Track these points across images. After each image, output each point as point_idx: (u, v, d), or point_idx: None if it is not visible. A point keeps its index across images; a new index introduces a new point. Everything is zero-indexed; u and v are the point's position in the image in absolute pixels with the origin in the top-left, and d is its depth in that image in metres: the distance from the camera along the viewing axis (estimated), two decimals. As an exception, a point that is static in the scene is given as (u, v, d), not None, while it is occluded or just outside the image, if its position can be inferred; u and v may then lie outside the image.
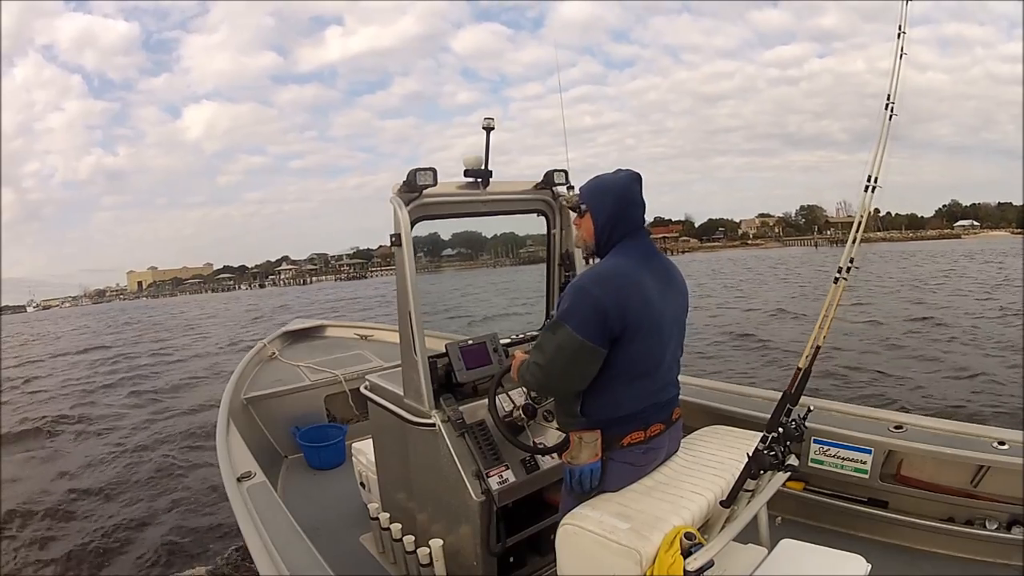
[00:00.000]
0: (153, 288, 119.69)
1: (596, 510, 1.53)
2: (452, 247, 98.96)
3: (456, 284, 29.96)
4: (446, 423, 2.02)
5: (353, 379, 3.92)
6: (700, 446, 1.83)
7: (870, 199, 1.54)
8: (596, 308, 1.51)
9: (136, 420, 8.03)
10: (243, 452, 2.70)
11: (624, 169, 1.71)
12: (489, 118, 2.07)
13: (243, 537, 2.02)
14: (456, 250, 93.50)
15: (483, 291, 27.65)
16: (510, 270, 32.67)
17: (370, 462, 2.74)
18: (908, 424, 2.39)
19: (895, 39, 1.56)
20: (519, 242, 11.62)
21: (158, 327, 25.29)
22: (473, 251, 69.44)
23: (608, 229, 1.66)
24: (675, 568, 1.33)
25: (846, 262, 1.50)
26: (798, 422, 1.47)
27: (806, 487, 2.50)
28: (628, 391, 1.60)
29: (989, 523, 2.16)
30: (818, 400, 2.57)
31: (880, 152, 1.54)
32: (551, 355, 1.56)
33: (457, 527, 2.07)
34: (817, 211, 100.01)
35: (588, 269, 1.66)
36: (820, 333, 1.48)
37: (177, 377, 11.36)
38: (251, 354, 4.38)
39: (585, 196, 1.72)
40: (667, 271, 1.69)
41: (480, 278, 12.14)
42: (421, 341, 2.03)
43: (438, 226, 2.40)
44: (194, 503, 4.79)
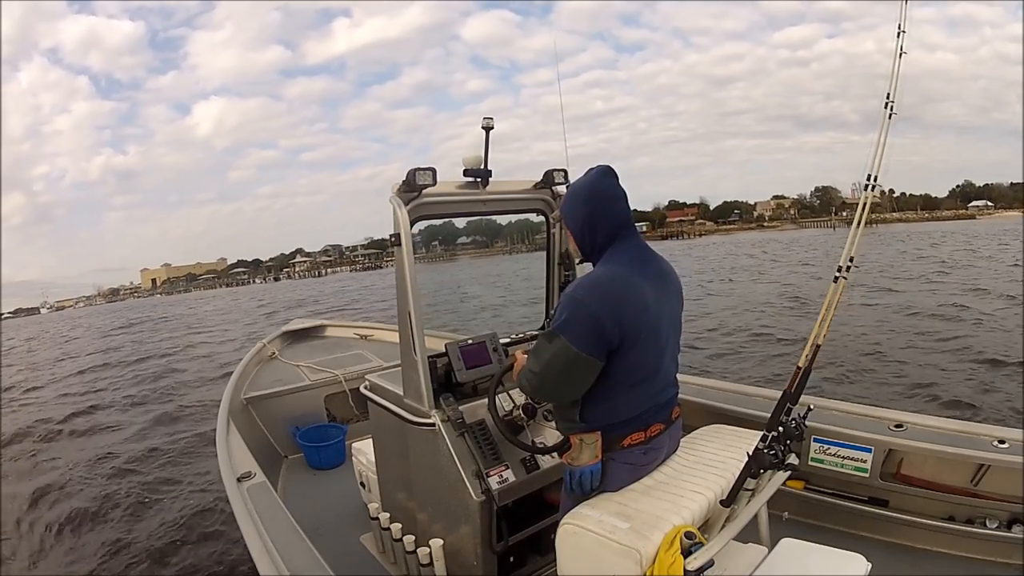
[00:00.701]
0: (167, 285, 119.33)
1: (596, 509, 1.53)
2: (467, 235, 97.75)
3: (472, 272, 29.65)
4: (446, 423, 2.02)
5: (353, 379, 3.92)
6: (700, 445, 1.82)
7: (870, 197, 1.54)
8: (592, 321, 1.49)
9: (138, 418, 8.04)
10: (243, 452, 2.70)
11: (595, 167, 1.67)
12: (488, 118, 2.07)
13: (243, 537, 2.02)
14: (471, 238, 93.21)
15: (504, 278, 27.32)
16: (526, 257, 32.39)
17: (370, 462, 2.74)
18: (908, 423, 2.38)
19: (895, 39, 1.56)
20: (534, 229, 11.74)
21: (184, 327, 24.94)
22: (488, 239, 68.52)
23: (588, 233, 1.63)
24: (675, 567, 1.32)
25: (846, 261, 1.50)
26: (798, 421, 1.47)
27: (806, 486, 2.50)
28: (627, 397, 1.59)
29: (990, 522, 2.15)
30: (818, 399, 2.57)
31: (880, 152, 1.54)
32: (546, 364, 1.55)
33: (457, 527, 2.07)
34: (832, 192, 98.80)
35: (583, 277, 1.62)
36: (820, 332, 1.48)
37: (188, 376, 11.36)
38: (251, 354, 4.39)
39: (561, 208, 1.71)
40: (661, 271, 1.67)
41: (498, 265, 11.80)
42: (421, 341, 2.03)
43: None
44: (194, 503, 4.78)
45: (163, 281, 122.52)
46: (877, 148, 1.54)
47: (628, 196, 1.66)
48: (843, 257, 1.50)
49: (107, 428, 7.77)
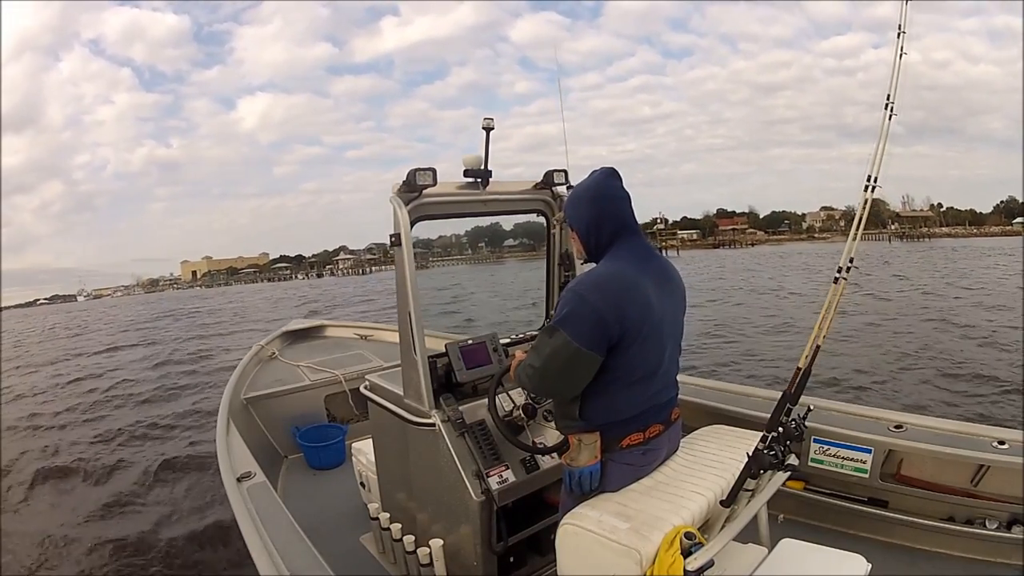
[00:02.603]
0: (207, 278, 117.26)
1: (596, 510, 1.53)
2: (514, 237, 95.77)
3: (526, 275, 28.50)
4: (446, 423, 2.02)
5: (353, 379, 3.92)
6: (700, 446, 1.82)
7: (869, 198, 1.54)
8: (593, 315, 1.50)
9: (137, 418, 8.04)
10: (243, 452, 2.70)
11: (599, 168, 1.69)
12: (489, 118, 2.07)
13: (243, 537, 2.02)
14: (518, 240, 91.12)
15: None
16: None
17: (370, 462, 2.74)
18: (908, 424, 2.39)
19: (895, 40, 1.56)
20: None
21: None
22: (535, 243, 67.24)
23: (593, 233, 1.65)
24: (675, 568, 1.33)
25: (846, 262, 1.50)
26: (798, 422, 1.47)
27: (806, 487, 2.50)
28: (627, 395, 1.60)
29: (989, 522, 2.16)
30: (818, 400, 2.57)
31: (880, 152, 1.54)
32: (546, 359, 1.56)
33: (457, 527, 2.07)
34: (881, 204, 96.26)
35: (585, 274, 1.64)
36: (820, 333, 1.48)
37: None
38: (251, 354, 4.38)
39: (565, 209, 1.72)
40: (665, 271, 1.68)
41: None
42: (421, 341, 2.03)
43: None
44: (194, 503, 4.78)
45: (203, 273, 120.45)
46: (877, 149, 1.54)
47: (637, 199, 1.68)
48: (843, 258, 1.50)
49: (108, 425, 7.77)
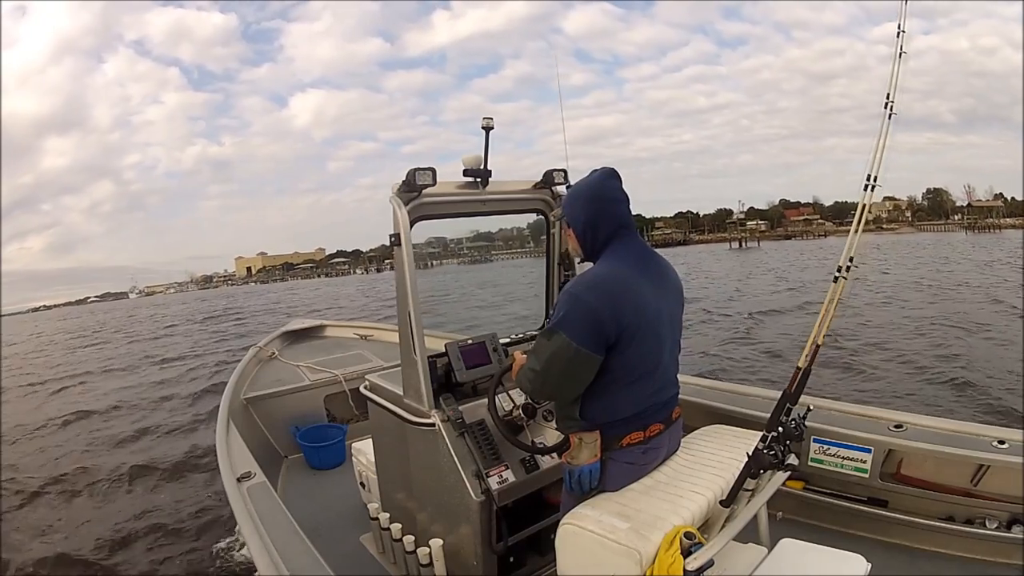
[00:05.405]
0: (262, 273, 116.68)
1: (596, 509, 1.53)
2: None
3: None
4: (446, 423, 2.02)
5: (353, 379, 3.92)
6: (700, 445, 1.82)
7: (870, 198, 1.54)
8: (591, 315, 1.50)
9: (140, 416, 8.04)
10: (243, 452, 2.70)
11: (599, 168, 1.70)
12: (488, 118, 2.07)
13: (243, 537, 2.02)
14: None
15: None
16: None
17: (370, 462, 2.74)
18: (908, 423, 2.39)
19: (896, 39, 1.56)
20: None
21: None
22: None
23: (589, 233, 1.65)
24: (675, 568, 1.33)
25: (846, 260, 1.49)
26: (798, 421, 1.47)
27: (806, 486, 2.50)
28: (627, 394, 1.60)
29: (989, 522, 2.15)
30: (818, 399, 2.57)
31: (880, 152, 1.54)
32: (546, 361, 1.56)
33: (457, 527, 2.07)
34: (943, 194, 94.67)
35: (582, 275, 1.64)
36: (820, 332, 1.48)
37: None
38: (251, 354, 4.39)
39: (563, 207, 1.73)
40: (661, 270, 1.68)
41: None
42: (421, 341, 2.03)
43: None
44: (194, 503, 4.78)
45: (258, 269, 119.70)
46: (877, 149, 1.54)
47: (637, 197, 1.70)
48: (843, 257, 1.50)
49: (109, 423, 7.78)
